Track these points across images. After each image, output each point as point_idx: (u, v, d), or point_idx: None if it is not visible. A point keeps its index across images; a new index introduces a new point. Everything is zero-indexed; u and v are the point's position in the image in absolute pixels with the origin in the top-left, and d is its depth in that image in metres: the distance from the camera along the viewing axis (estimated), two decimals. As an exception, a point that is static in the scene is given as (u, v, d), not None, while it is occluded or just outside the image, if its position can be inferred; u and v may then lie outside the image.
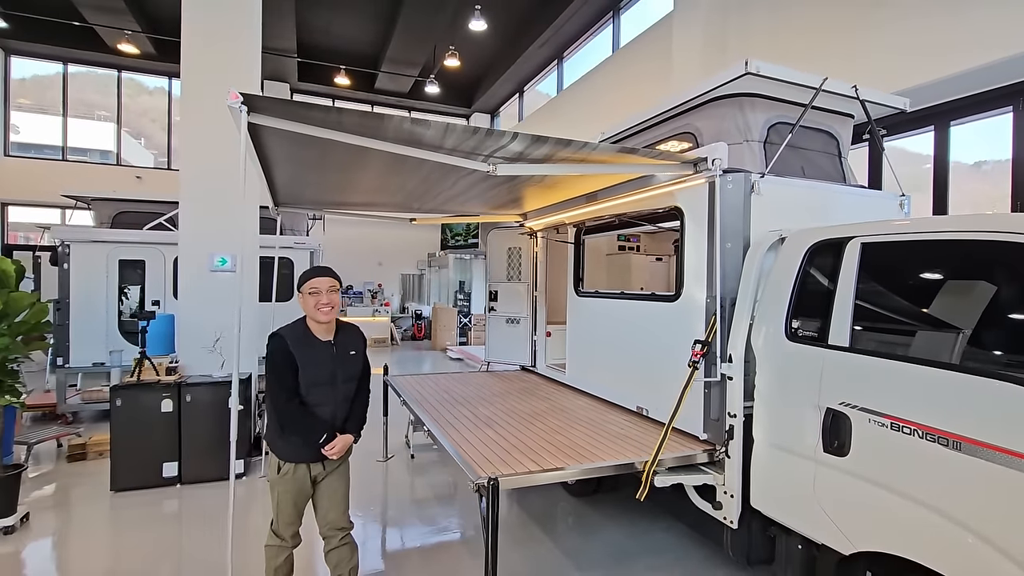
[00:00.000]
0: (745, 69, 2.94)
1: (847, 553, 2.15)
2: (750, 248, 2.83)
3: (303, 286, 2.47)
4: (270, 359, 2.40)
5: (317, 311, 2.45)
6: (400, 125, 2.32)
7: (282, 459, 2.47)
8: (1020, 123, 4.69)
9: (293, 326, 2.49)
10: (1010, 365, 1.72)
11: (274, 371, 2.39)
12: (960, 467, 1.76)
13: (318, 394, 2.47)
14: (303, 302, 2.48)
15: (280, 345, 2.40)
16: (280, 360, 2.40)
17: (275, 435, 2.47)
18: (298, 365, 2.40)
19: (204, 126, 4.97)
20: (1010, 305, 1.84)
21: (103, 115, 14.36)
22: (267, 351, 2.40)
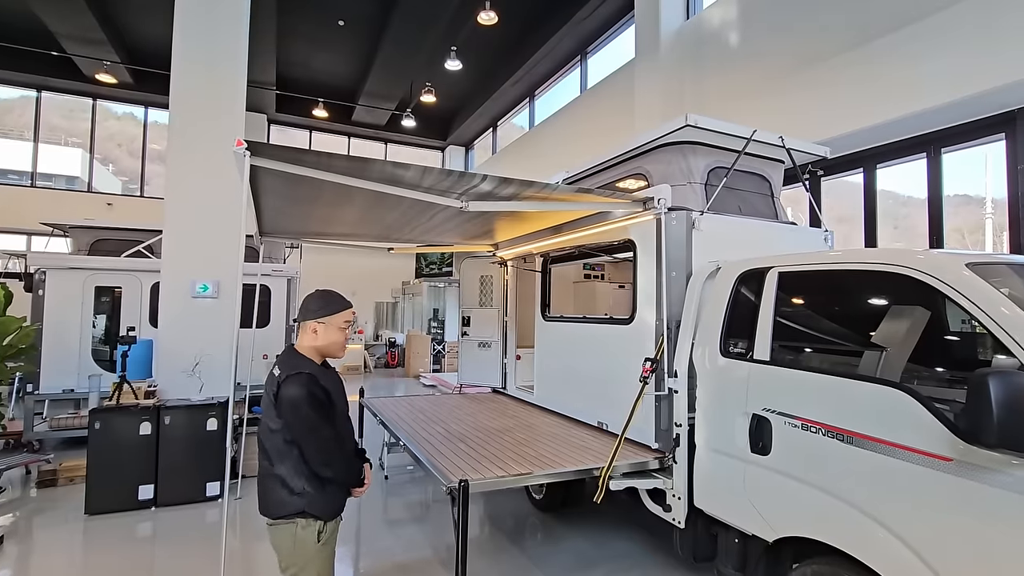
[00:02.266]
0: (685, 121, 3.39)
1: (771, 540, 2.47)
2: (692, 277, 3.22)
3: (335, 316, 2.18)
4: (311, 401, 2.03)
5: (342, 349, 2.25)
6: (383, 168, 2.66)
7: (325, 518, 2.12)
8: (933, 168, 5.32)
9: (301, 359, 2.15)
10: (886, 370, 2.11)
11: (320, 413, 2.06)
12: (852, 458, 2.12)
13: (346, 427, 2.26)
14: (328, 334, 2.18)
15: (317, 382, 2.09)
16: (323, 399, 2.09)
17: (314, 489, 2.07)
18: (332, 399, 2.15)
19: (191, 156, 5.22)
20: (890, 322, 2.25)
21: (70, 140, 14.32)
22: (301, 394, 2.01)
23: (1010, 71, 4.18)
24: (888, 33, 5.09)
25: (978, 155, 5.25)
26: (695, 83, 7.50)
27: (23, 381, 6.15)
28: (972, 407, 1.64)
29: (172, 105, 5.28)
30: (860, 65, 5.32)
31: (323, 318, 2.18)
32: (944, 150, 5.25)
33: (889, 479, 1.99)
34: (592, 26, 10.33)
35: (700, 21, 7.60)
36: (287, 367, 2.10)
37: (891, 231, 6.08)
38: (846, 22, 5.55)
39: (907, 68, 4.91)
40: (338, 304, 2.22)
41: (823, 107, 5.65)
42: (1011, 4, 4.20)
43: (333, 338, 2.20)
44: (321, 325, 2.18)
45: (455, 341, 13.42)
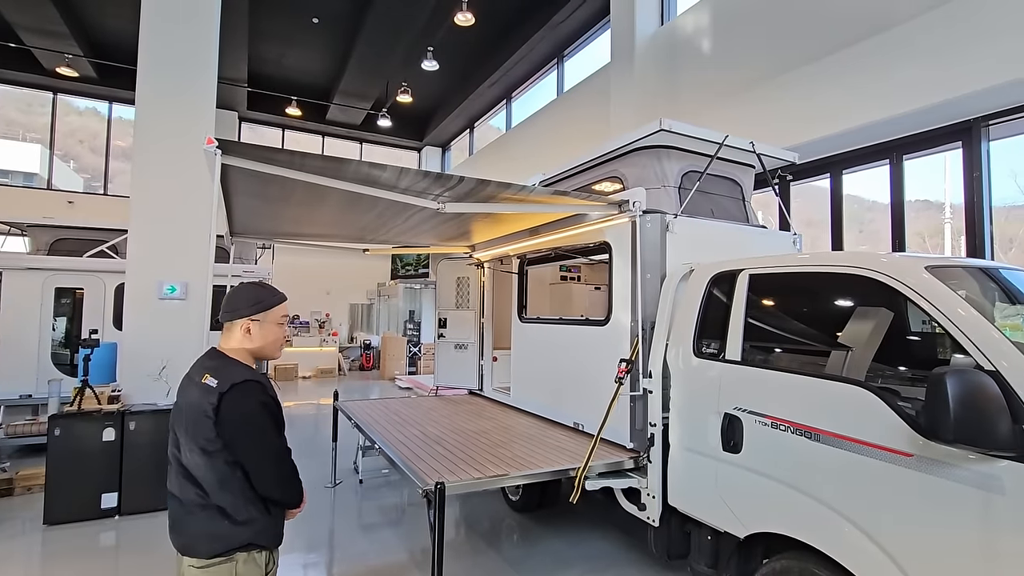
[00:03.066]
0: (660, 126, 3.45)
1: (743, 536, 2.52)
2: (666, 278, 3.27)
3: (271, 311, 1.89)
4: (267, 413, 1.77)
5: (281, 348, 1.97)
6: (359, 168, 2.63)
7: (272, 546, 1.86)
8: (895, 174, 5.52)
9: (239, 364, 1.84)
10: (851, 370, 2.18)
11: (277, 428, 1.81)
12: (818, 455, 2.18)
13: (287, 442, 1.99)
14: (265, 333, 1.88)
15: (267, 391, 1.81)
16: (275, 410, 1.82)
17: (261, 514, 1.79)
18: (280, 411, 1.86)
19: (158, 153, 5.06)
20: (855, 323, 2.32)
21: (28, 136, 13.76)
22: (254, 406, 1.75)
23: (967, 83, 4.36)
24: (854, 44, 5.26)
25: (938, 162, 5.47)
26: (669, 88, 7.62)
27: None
28: (931, 404, 1.71)
29: (138, 101, 5.12)
30: (827, 74, 5.49)
31: (257, 315, 1.85)
32: (906, 157, 5.45)
33: (854, 475, 2.06)
34: (569, 29, 10.41)
35: (674, 27, 7.74)
36: (225, 376, 1.75)
37: (856, 235, 6.29)
38: (814, 33, 5.72)
39: (872, 78, 5.08)
40: (272, 297, 1.91)
41: (792, 114, 5.81)
42: (968, 20, 4.39)
43: (271, 337, 1.89)
44: (255, 323, 1.85)
45: (431, 343, 13.35)
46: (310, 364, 13.43)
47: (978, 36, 4.31)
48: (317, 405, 9.85)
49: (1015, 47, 4.07)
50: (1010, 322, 2.14)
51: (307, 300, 15.45)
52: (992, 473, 1.69)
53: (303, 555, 3.89)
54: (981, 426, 1.63)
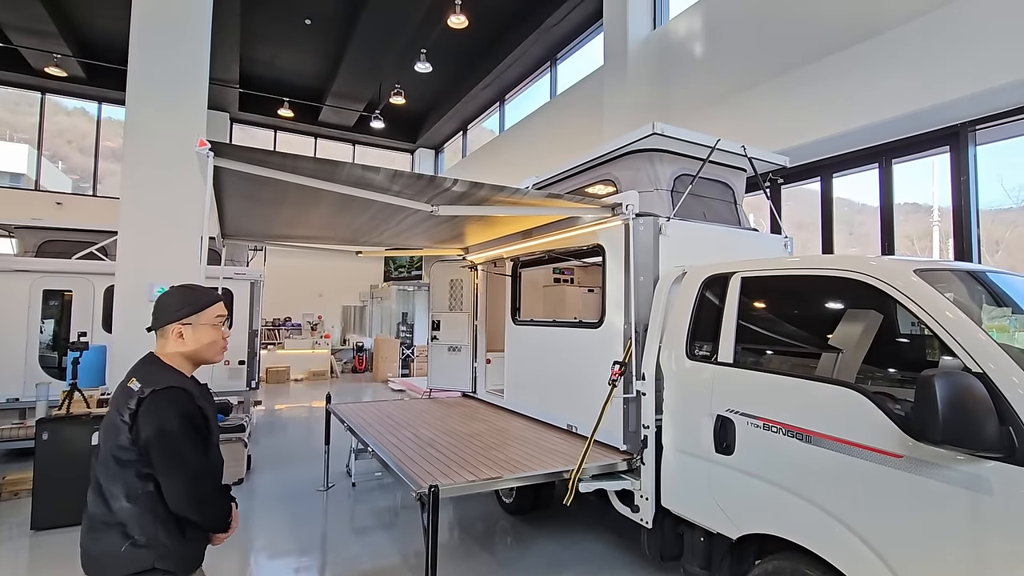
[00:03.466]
0: (652, 130, 3.47)
1: (735, 537, 2.54)
2: (659, 281, 3.29)
3: (203, 313, 1.79)
4: (185, 425, 1.64)
5: (222, 350, 1.87)
6: (352, 171, 2.62)
7: (183, 573, 1.72)
8: (885, 177, 5.58)
9: (170, 371, 1.74)
10: (842, 372, 2.20)
11: (196, 440, 1.67)
12: (810, 456, 2.20)
13: (218, 457, 1.85)
14: (199, 336, 1.78)
15: (192, 400, 1.69)
16: (200, 422, 1.70)
17: (170, 537, 1.65)
18: (208, 423, 1.75)
19: (149, 154, 5.03)
20: (846, 326, 2.35)
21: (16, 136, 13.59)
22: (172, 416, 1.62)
23: (954, 89, 4.43)
24: (842, 50, 5.32)
25: (926, 166, 5.55)
26: (661, 91, 7.67)
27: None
28: (919, 406, 1.73)
29: (129, 101, 5.08)
30: (818, 79, 5.55)
31: (188, 318, 1.77)
32: (895, 161, 5.52)
33: (844, 476, 2.08)
34: (562, 32, 10.45)
35: (666, 31, 7.79)
36: (150, 380, 1.66)
37: (847, 237, 6.35)
38: (803, 39, 5.78)
39: (861, 84, 5.15)
40: (204, 297, 1.82)
41: (783, 118, 5.87)
42: (956, 27, 4.45)
43: (206, 339, 1.80)
44: (187, 327, 1.77)
45: (424, 345, 13.32)
46: (302, 366, 13.35)
47: (964, 42, 4.38)
48: (309, 408, 9.79)
49: (1001, 53, 4.13)
50: (997, 324, 2.17)
51: (299, 302, 15.37)
52: (980, 474, 1.72)
53: (296, 559, 3.86)
54: (969, 427, 1.65)
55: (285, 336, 14.40)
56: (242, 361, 6.61)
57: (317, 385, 12.55)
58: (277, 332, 14.51)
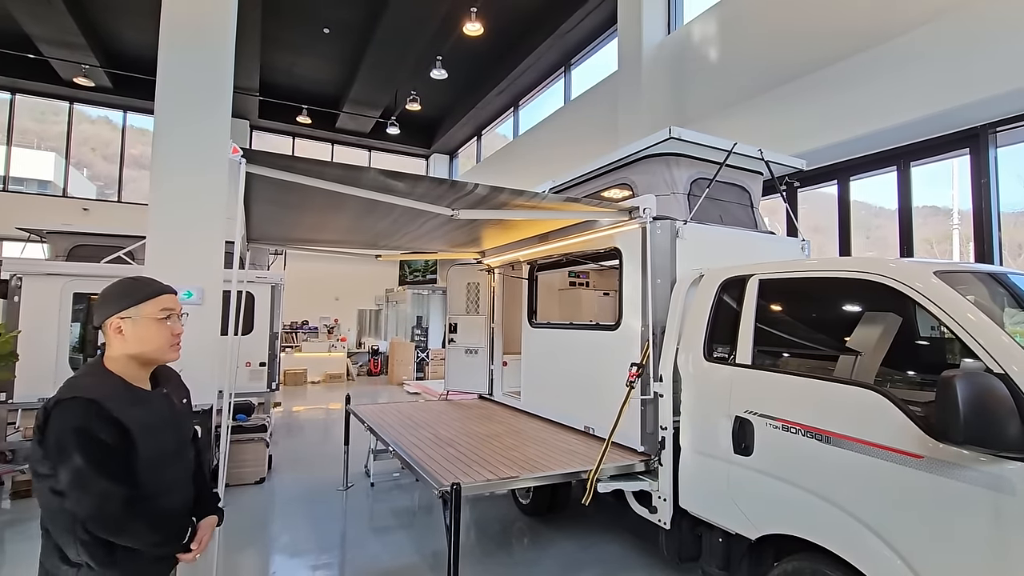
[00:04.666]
0: (669, 134, 3.51)
1: (754, 538, 2.55)
2: (676, 284, 3.32)
3: (143, 304, 1.59)
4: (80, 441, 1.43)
5: (171, 348, 1.65)
6: (376, 176, 2.70)
7: None
8: (903, 180, 5.54)
9: (96, 377, 1.56)
10: (861, 373, 2.22)
11: (92, 460, 1.43)
12: (829, 457, 2.21)
13: (167, 474, 1.63)
14: (139, 331, 1.58)
15: (98, 413, 1.46)
16: (104, 437, 1.46)
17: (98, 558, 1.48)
18: (134, 438, 1.51)
19: (175, 162, 5.16)
20: (864, 327, 2.36)
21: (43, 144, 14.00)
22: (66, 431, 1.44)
23: (975, 90, 4.40)
24: (862, 52, 5.31)
25: (945, 169, 5.50)
26: (677, 96, 7.69)
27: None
28: (941, 406, 1.74)
29: (157, 111, 5.23)
30: (834, 82, 5.54)
31: (126, 311, 1.57)
32: (913, 164, 5.48)
33: (864, 476, 2.09)
34: (576, 38, 10.52)
35: (681, 36, 7.81)
36: (63, 389, 1.50)
37: (864, 241, 6.31)
38: (821, 41, 5.77)
39: (879, 85, 5.13)
40: (146, 288, 1.62)
41: (800, 121, 5.86)
42: (976, 27, 4.43)
43: (149, 335, 1.59)
44: (126, 320, 1.56)
45: (439, 349, 13.42)
46: (319, 369, 13.52)
47: (985, 43, 4.35)
48: (327, 410, 9.92)
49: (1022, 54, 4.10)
50: (1020, 327, 2.17)
51: (316, 306, 15.56)
52: (1002, 474, 1.73)
53: (316, 557, 3.94)
54: (990, 428, 1.66)
55: (302, 339, 14.59)
56: (263, 363, 6.74)
57: (334, 388, 12.70)
58: (295, 335, 14.71)
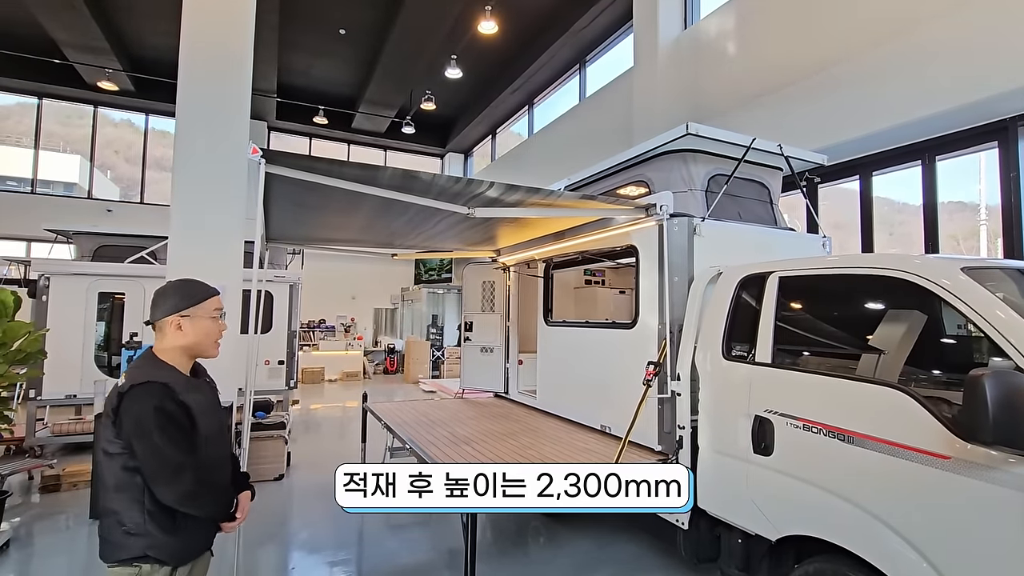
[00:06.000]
0: (686, 130, 3.47)
1: (774, 539, 2.52)
2: (694, 281, 3.28)
3: (201, 305, 1.83)
4: (160, 421, 1.65)
5: (217, 344, 1.89)
6: (393, 175, 2.72)
7: (174, 563, 1.74)
8: (928, 175, 5.41)
9: (157, 367, 1.77)
10: (884, 372, 2.17)
11: (172, 436, 1.67)
12: (853, 457, 2.17)
13: (216, 451, 1.88)
14: (197, 328, 1.81)
15: (172, 396, 1.69)
16: (179, 418, 1.70)
17: (160, 527, 1.70)
18: (195, 417, 1.75)
19: (196, 163, 5.26)
20: (888, 325, 2.31)
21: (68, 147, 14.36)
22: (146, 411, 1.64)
23: (1004, 81, 4.28)
24: (885, 43, 5.19)
25: (971, 163, 5.36)
26: (693, 91, 7.60)
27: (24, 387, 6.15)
28: (969, 406, 1.70)
29: (179, 113, 5.33)
30: (857, 74, 5.43)
31: (186, 310, 1.79)
32: (939, 158, 5.35)
33: (889, 477, 2.04)
34: (591, 35, 10.46)
35: (697, 31, 7.73)
36: (134, 375, 1.70)
37: (886, 238, 6.18)
38: (842, 33, 5.66)
39: (903, 77, 5.01)
40: (203, 291, 1.86)
41: (821, 115, 5.75)
42: (1004, 17, 4.31)
43: (204, 331, 1.82)
44: (186, 319, 1.79)
45: (454, 347, 13.47)
46: (336, 367, 13.67)
47: (1013, 33, 4.23)
48: (344, 408, 10.02)
49: (1053, 44, 3.98)
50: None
51: (333, 305, 15.74)
52: (1033, 476, 1.68)
53: (333, 553, 3.98)
54: (1021, 428, 1.62)
55: (320, 338, 14.76)
56: (281, 361, 6.84)
57: (350, 386, 12.83)
58: (312, 334, 14.89)
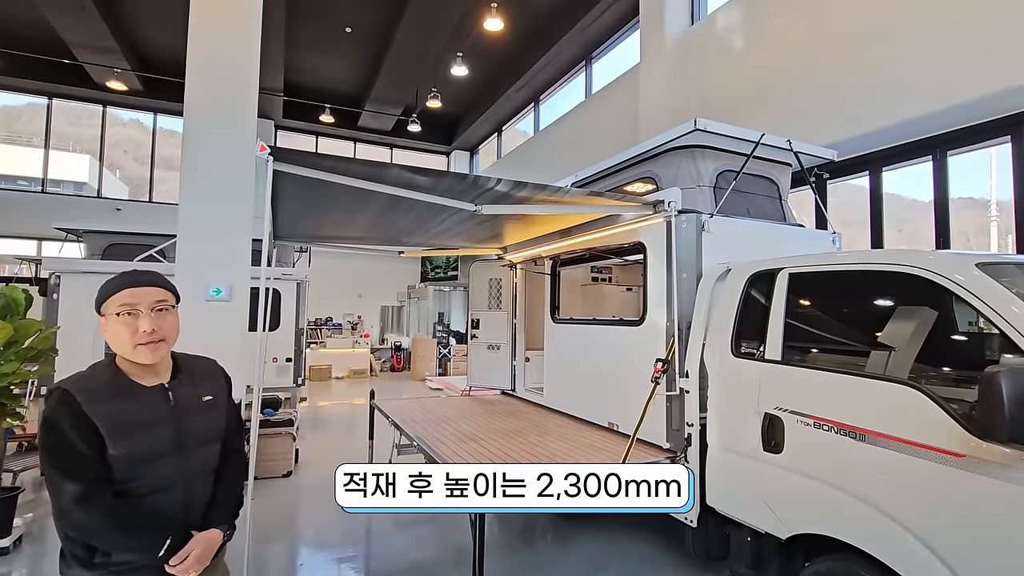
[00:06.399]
0: (695, 126, 3.44)
1: (785, 538, 2.50)
2: (702, 278, 3.26)
3: (108, 300, 1.52)
4: (45, 433, 1.41)
5: (137, 349, 1.50)
6: (400, 172, 2.71)
7: None
8: (939, 170, 5.35)
9: (93, 369, 1.56)
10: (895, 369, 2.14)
11: (51, 454, 1.40)
12: (864, 455, 2.15)
13: (155, 472, 1.51)
14: (108, 329, 1.52)
15: (66, 403, 1.41)
16: (67, 432, 1.39)
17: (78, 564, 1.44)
18: (102, 433, 1.42)
19: (204, 162, 5.28)
20: (899, 322, 2.29)
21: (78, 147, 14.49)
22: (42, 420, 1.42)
23: (1018, 73, 4.21)
24: (895, 35, 5.13)
25: (981, 158, 5.28)
26: (700, 87, 7.55)
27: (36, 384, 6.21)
28: (984, 403, 1.68)
29: (186, 112, 5.36)
30: (867, 68, 5.37)
31: (100, 310, 1.54)
32: (950, 153, 5.28)
33: (902, 475, 2.02)
34: (597, 31, 10.41)
35: (705, 26, 7.67)
36: (63, 379, 1.50)
37: (895, 234, 6.11)
38: (851, 27, 5.60)
39: (914, 71, 4.95)
40: (112, 283, 1.54)
41: (830, 110, 5.69)
42: (1019, 8, 4.24)
43: (113, 333, 1.51)
44: (102, 319, 1.54)
45: (460, 345, 13.49)
46: (343, 365, 13.72)
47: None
48: (351, 405, 10.07)
49: (1069, 37, 3.91)
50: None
51: (340, 302, 15.79)
52: (1050, 474, 1.65)
53: (341, 550, 4.00)
54: (1038, 426, 1.59)
55: (327, 335, 14.82)
56: (289, 358, 6.86)
57: (357, 383, 12.87)
58: (319, 331, 14.96)
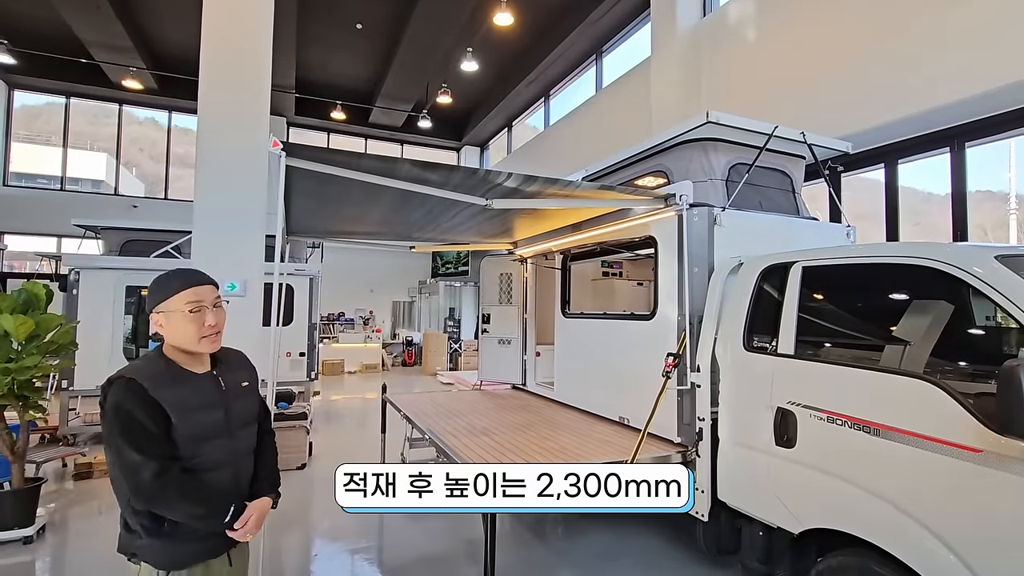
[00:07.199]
0: (707, 118, 3.42)
1: (797, 532, 2.49)
2: (714, 272, 3.24)
3: (173, 297, 1.63)
4: (119, 418, 1.53)
5: (201, 340, 1.66)
6: (411, 167, 2.73)
7: (161, 567, 1.62)
8: (957, 162, 5.25)
9: (147, 360, 1.67)
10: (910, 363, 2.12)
11: (126, 434, 1.52)
12: (879, 450, 2.13)
13: (212, 451, 1.67)
14: (172, 324, 1.64)
15: (139, 392, 1.55)
16: (140, 415, 1.54)
17: (146, 529, 1.59)
18: (169, 415, 1.57)
19: (219, 159, 5.35)
20: (915, 316, 2.26)
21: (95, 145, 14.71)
22: (109, 408, 1.55)
23: (1037, 63, 4.12)
24: (911, 26, 5.04)
25: (1000, 149, 5.18)
26: (712, 79, 7.48)
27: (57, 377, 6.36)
28: (1002, 398, 1.65)
29: (200, 110, 5.42)
30: (883, 58, 5.27)
31: (159, 307, 1.64)
32: (968, 144, 5.18)
33: (917, 470, 2.01)
34: (607, 25, 10.33)
35: (717, 17, 7.58)
36: (120, 369, 1.62)
37: (911, 228, 6.02)
38: (868, 15, 5.50)
39: (931, 61, 4.86)
40: (175, 282, 1.66)
41: (845, 101, 5.61)
42: (1038, -5, 4.14)
43: (179, 327, 1.64)
44: (161, 315, 1.64)
45: (471, 340, 13.54)
46: (355, 360, 13.84)
47: (1051, 14, 4.06)
48: (363, 399, 10.16)
49: (1093, 24, 3.82)
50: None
51: (351, 297, 15.91)
52: (1069, 469, 1.63)
53: (355, 541, 4.05)
54: (1057, 420, 1.57)
55: (339, 330, 14.95)
56: (302, 353, 6.95)
57: (369, 377, 12.99)
58: (332, 326, 15.09)
